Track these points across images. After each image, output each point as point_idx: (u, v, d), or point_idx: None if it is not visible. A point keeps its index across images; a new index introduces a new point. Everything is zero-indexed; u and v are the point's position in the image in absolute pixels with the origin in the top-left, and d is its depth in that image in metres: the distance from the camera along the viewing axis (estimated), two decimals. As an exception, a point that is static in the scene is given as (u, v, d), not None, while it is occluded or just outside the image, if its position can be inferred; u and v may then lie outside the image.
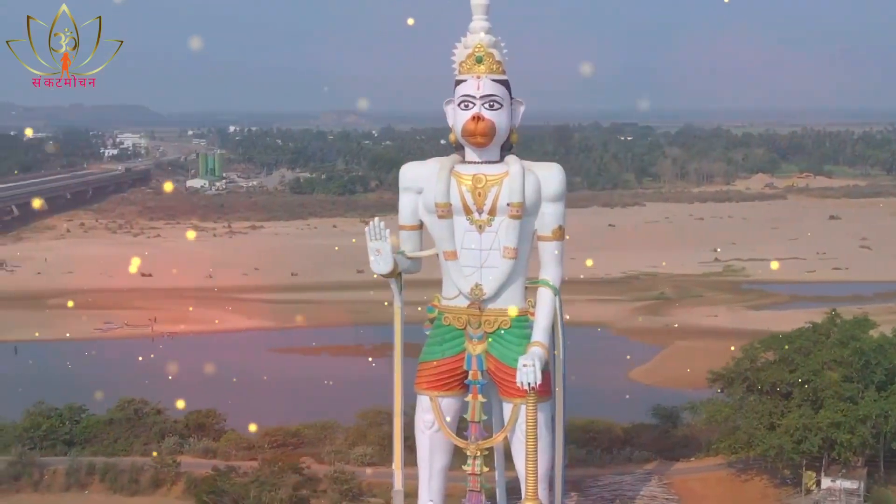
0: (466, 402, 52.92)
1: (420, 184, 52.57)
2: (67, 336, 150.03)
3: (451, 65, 52.82)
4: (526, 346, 50.60)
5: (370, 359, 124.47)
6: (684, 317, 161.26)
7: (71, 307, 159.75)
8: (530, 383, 47.59)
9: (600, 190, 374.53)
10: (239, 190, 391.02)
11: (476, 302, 51.83)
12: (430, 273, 54.87)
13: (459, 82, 51.94)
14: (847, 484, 67.63)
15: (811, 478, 69.33)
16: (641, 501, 68.55)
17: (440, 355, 53.05)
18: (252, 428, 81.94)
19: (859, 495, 67.30)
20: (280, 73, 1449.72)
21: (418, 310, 54.52)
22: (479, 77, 51.36)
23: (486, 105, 51.06)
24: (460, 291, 52.11)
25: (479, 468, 52.56)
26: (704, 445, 76.55)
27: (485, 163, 51.79)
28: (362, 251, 51.75)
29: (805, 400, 68.59)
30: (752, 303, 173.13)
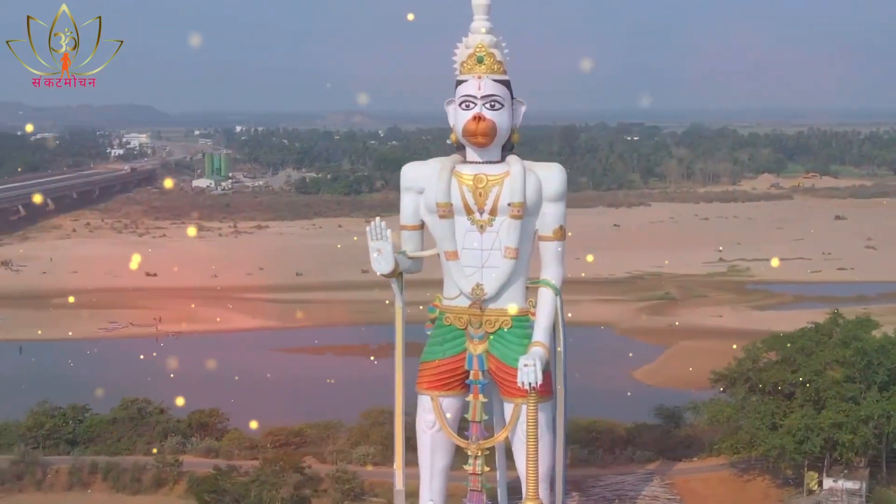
0: (467, 402, 52.96)
1: (421, 184, 52.62)
2: (71, 335, 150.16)
3: (453, 65, 52.89)
4: (527, 346, 50.63)
5: (372, 358, 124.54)
6: (689, 317, 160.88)
7: (74, 306, 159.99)
8: (531, 383, 47.63)
9: (606, 190, 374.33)
10: (245, 190, 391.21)
11: (477, 302, 51.91)
12: (432, 273, 54.88)
13: (460, 82, 52.02)
14: (849, 484, 67.60)
15: (813, 478, 69.28)
16: (643, 502, 68.51)
17: (441, 355, 53.12)
18: (253, 425, 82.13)
19: (861, 496, 67.24)
20: (285, 74, 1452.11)
21: (420, 308, 54.53)
22: (480, 77, 51.43)
23: (487, 105, 51.10)
24: (461, 291, 52.17)
25: (480, 468, 52.61)
26: (707, 445, 76.54)
27: (486, 163, 51.84)
28: (366, 251, 51.64)
29: (807, 400, 68.57)
30: (757, 303, 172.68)
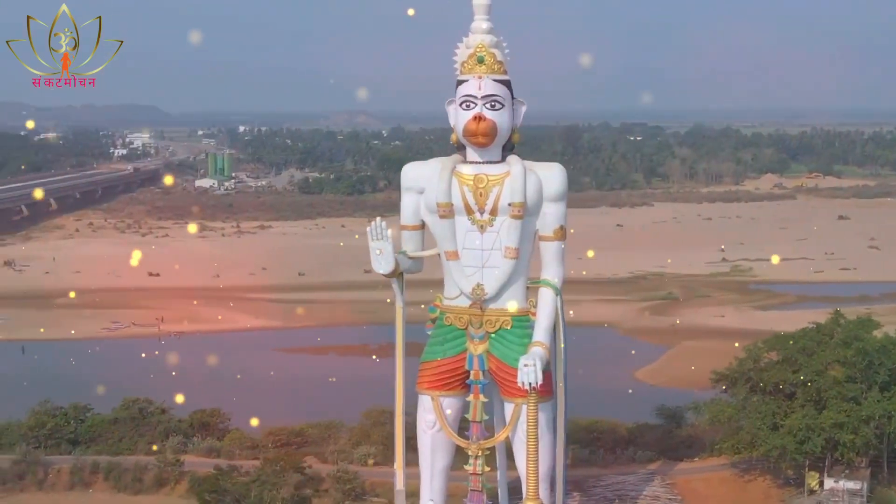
0: (468, 402, 52.92)
1: (422, 184, 52.60)
2: (73, 334, 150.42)
3: (454, 65, 52.87)
4: (527, 346, 50.60)
5: (375, 357, 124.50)
6: (691, 317, 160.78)
7: (76, 305, 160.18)
8: (531, 383, 47.60)
9: (609, 190, 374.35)
10: (248, 190, 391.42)
11: (477, 302, 51.87)
12: (432, 273, 54.86)
13: (461, 82, 51.98)
14: (850, 485, 67.55)
15: (814, 478, 69.21)
16: (644, 502, 68.49)
17: (442, 355, 53.10)
18: (254, 422, 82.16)
19: (862, 496, 67.18)
20: (287, 74, 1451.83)
21: (421, 307, 54.46)
22: (481, 77, 51.38)
23: (488, 105, 51.06)
24: (462, 291, 52.15)
25: (481, 468, 52.60)
26: (708, 446, 76.51)
27: (486, 163, 51.80)
28: (368, 251, 51.52)
29: (808, 400, 68.50)
30: (760, 303, 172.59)
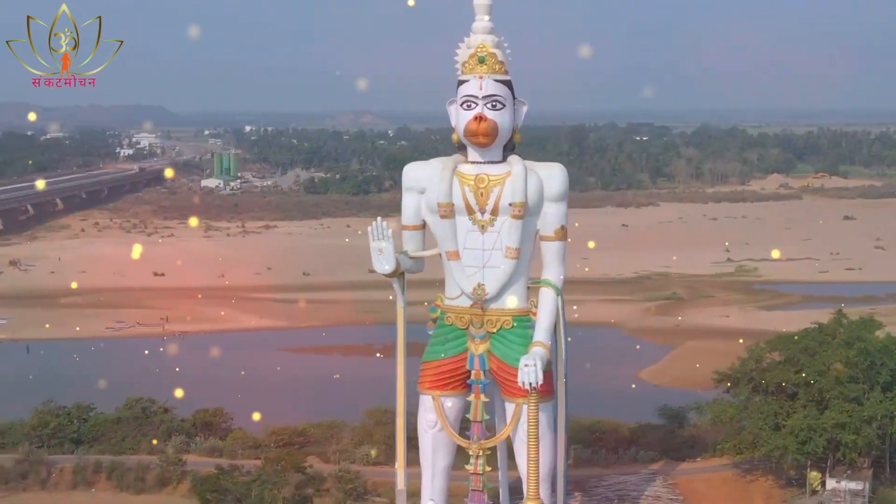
0: (469, 402, 52.88)
1: (423, 184, 52.58)
2: (78, 333, 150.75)
3: (455, 65, 52.87)
4: (528, 346, 50.59)
5: (379, 354, 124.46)
6: (696, 317, 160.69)
7: (81, 305, 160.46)
8: (531, 383, 47.59)
9: (614, 190, 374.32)
10: (253, 189, 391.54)
11: (478, 302, 51.81)
12: (434, 273, 54.87)
13: (462, 82, 51.93)
14: (852, 485, 67.45)
15: (816, 479, 69.13)
16: (646, 502, 68.49)
17: (443, 355, 53.05)
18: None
19: (864, 496, 67.09)
20: (289, 74, 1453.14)
21: (425, 304, 54.42)
22: (482, 77, 51.30)
23: (489, 105, 51.02)
24: (463, 291, 52.12)
25: (482, 468, 52.51)
26: (710, 446, 76.46)
27: (487, 163, 51.75)
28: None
29: (810, 400, 68.46)
30: (764, 303, 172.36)
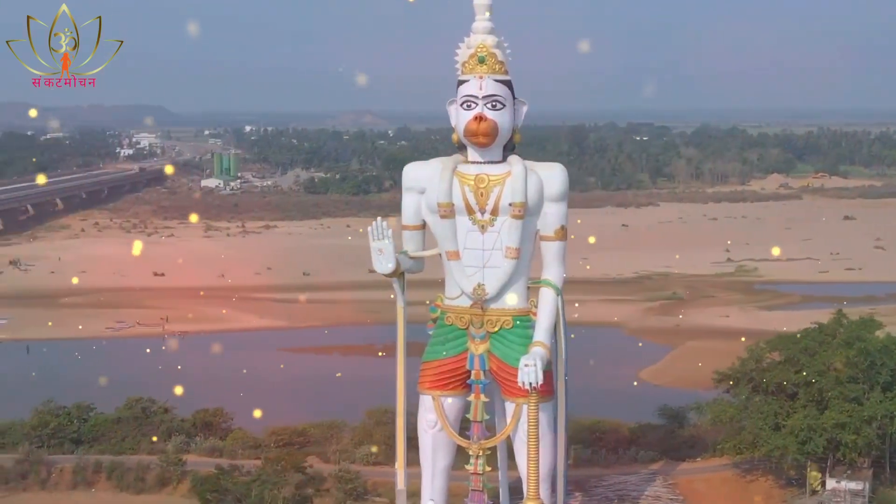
0: (469, 402, 52.86)
1: (423, 184, 52.55)
2: (80, 328, 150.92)
3: (455, 65, 52.85)
4: (528, 346, 50.58)
5: (381, 353, 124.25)
6: (696, 317, 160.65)
7: (81, 305, 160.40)
8: (531, 383, 47.58)
9: (615, 190, 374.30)
10: (253, 189, 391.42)
11: (478, 302, 51.78)
12: (434, 273, 54.87)
13: (462, 82, 51.90)
14: (852, 485, 67.44)
15: (816, 479, 69.13)
16: (646, 502, 68.49)
17: (443, 355, 53.01)
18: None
19: (864, 496, 67.09)
20: (292, 74, 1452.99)
21: (427, 303, 54.42)
22: (482, 77, 51.25)
23: (489, 105, 50.98)
24: (463, 291, 52.09)
25: (482, 468, 52.46)
26: (710, 446, 76.46)
27: (487, 163, 51.72)
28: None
29: (810, 400, 68.45)
30: (765, 303, 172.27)
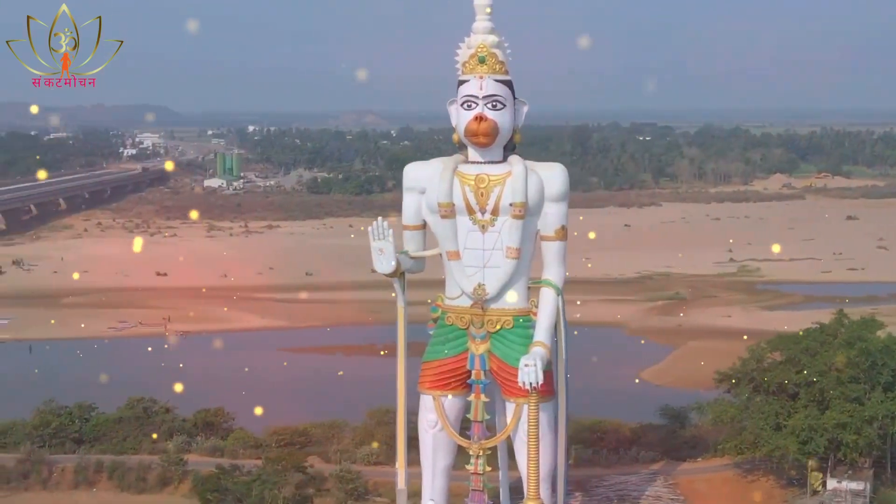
0: (469, 402, 52.86)
1: (423, 184, 52.55)
2: (83, 327, 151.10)
3: (455, 65, 52.85)
4: (528, 346, 50.58)
5: (383, 352, 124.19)
6: (698, 317, 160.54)
7: (83, 305, 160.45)
8: (532, 383, 47.58)
9: (617, 190, 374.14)
10: (256, 189, 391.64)
11: (479, 302, 51.77)
12: (434, 273, 54.88)
13: (462, 82, 51.88)
14: (853, 485, 67.42)
15: (817, 479, 69.07)
16: (647, 502, 68.45)
17: (443, 355, 52.99)
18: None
19: (865, 496, 67.06)
20: (293, 74, 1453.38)
21: (427, 303, 54.42)
22: (482, 77, 51.23)
23: (489, 105, 50.97)
24: (463, 291, 52.06)
25: (482, 467, 52.48)
26: (711, 446, 76.41)
27: (488, 163, 51.70)
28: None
29: (811, 400, 68.41)
30: (767, 303, 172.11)
